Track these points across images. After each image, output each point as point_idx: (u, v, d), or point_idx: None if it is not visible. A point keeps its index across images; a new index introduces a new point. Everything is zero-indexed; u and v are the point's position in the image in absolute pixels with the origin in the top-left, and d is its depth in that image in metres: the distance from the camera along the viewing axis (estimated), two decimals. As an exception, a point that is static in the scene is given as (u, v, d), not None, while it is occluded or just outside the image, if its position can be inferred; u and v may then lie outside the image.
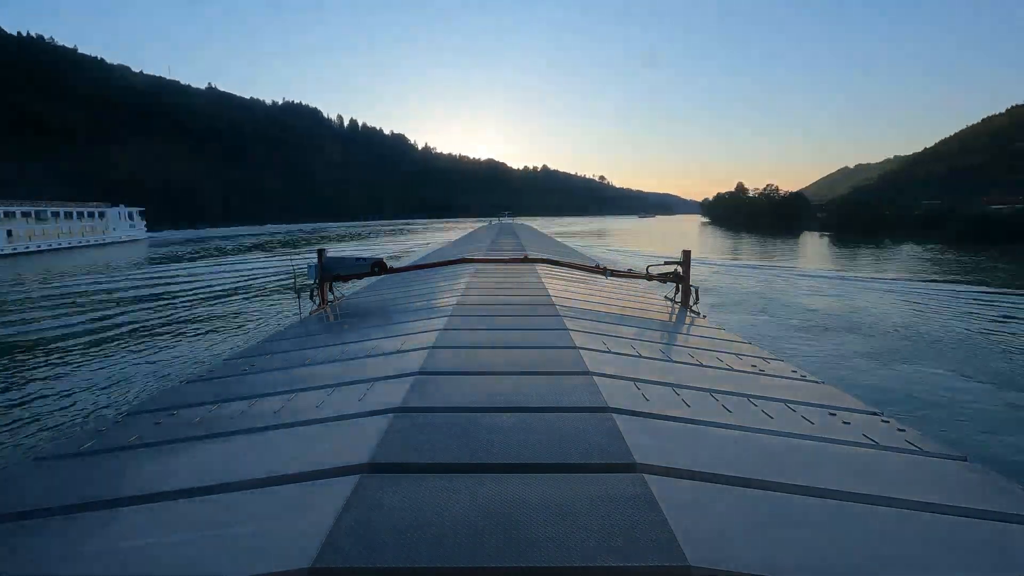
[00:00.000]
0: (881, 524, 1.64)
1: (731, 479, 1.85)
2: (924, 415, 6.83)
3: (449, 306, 5.35)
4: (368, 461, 1.89)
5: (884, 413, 2.79)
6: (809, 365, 7.81)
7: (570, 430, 2.21)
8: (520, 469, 1.87)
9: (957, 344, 10.49)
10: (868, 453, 2.26)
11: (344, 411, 2.52)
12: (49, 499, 1.82)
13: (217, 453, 2.18)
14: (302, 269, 6.94)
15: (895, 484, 1.95)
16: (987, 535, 1.65)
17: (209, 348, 10.59)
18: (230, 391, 3.12)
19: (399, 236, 65.44)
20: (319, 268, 6.93)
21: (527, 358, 3.40)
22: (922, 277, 21.11)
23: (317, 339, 4.86)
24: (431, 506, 1.59)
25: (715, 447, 2.19)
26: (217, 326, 12.93)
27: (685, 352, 4.08)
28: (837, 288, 18.35)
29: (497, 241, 19.34)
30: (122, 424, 2.62)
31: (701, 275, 17.39)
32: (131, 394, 7.89)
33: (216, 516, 1.65)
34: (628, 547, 1.40)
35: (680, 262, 7.26)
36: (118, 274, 26.54)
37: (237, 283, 21.37)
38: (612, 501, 1.64)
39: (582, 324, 4.57)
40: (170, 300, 17.38)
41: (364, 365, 3.48)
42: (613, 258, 24.08)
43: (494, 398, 2.61)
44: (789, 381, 3.46)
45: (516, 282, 7.29)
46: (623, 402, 2.56)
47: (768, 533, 1.53)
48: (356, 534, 1.44)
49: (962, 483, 2.02)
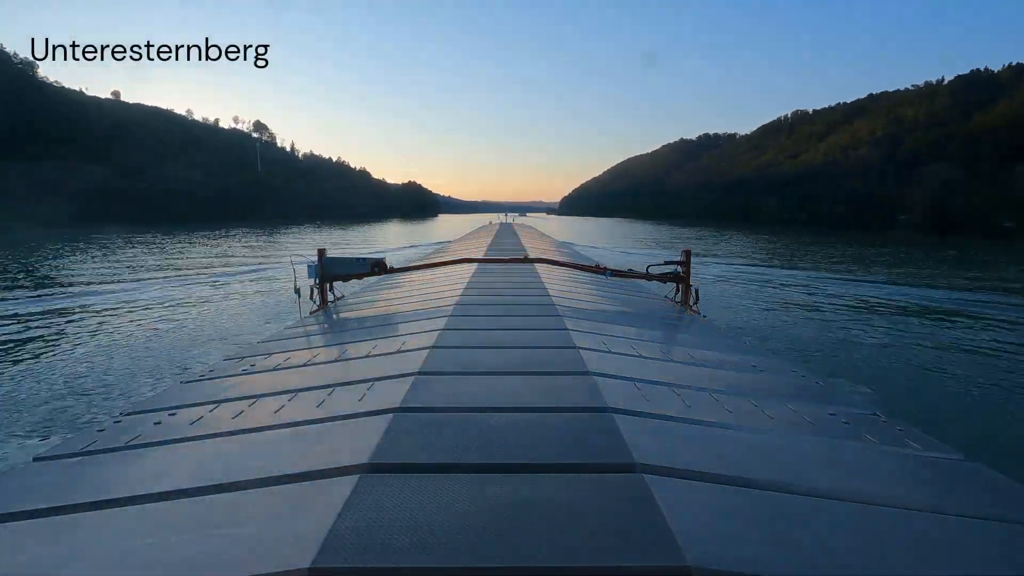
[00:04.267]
0: (881, 524, 1.64)
1: (731, 479, 1.85)
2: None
3: (449, 306, 5.35)
4: (368, 461, 1.88)
5: (883, 413, 2.79)
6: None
7: (570, 430, 2.21)
8: (520, 469, 1.87)
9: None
10: (868, 453, 2.26)
11: (344, 411, 2.52)
12: (49, 499, 1.82)
13: (217, 453, 2.18)
14: (302, 269, 6.94)
15: (894, 484, 1.95)
16: (987, 534, 1.65)
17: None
18: (230, 391, 3.12)
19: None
20: (319, 268, 6.93)
21: (527, 358, 3.40)
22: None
23: (317, 339, 4.86)
24: (431, 506, 1.59)
25: (715, 447, 2.19)
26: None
27: (685, 352, 4.08)
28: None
29: (497, 241, 19.35)
30: (122, 424, 2.61)
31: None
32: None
33: (216, 516, 1.64)
34: (627, 547, 1.40)
35: (681, 262, 7.26)
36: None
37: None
38: (612, 501, 1.64)
39: (582, 324, 4.57)
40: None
41: (364, 365, 3.48)
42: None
43: (494, 398, 2.61)
44: (789, 381, 3.46)
45: (516, 282, 7.29)
46: (623, 402, 2.56)
47: (768, 533, 1.53)
48: (356, 534, 1.44)
49: (961, 483, 2.02)
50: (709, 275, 18.10)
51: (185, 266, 21.96)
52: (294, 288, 6.85)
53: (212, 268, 21.24)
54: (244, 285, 16.49)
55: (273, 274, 18.57)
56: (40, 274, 19.41)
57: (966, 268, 23.29)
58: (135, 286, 16.11)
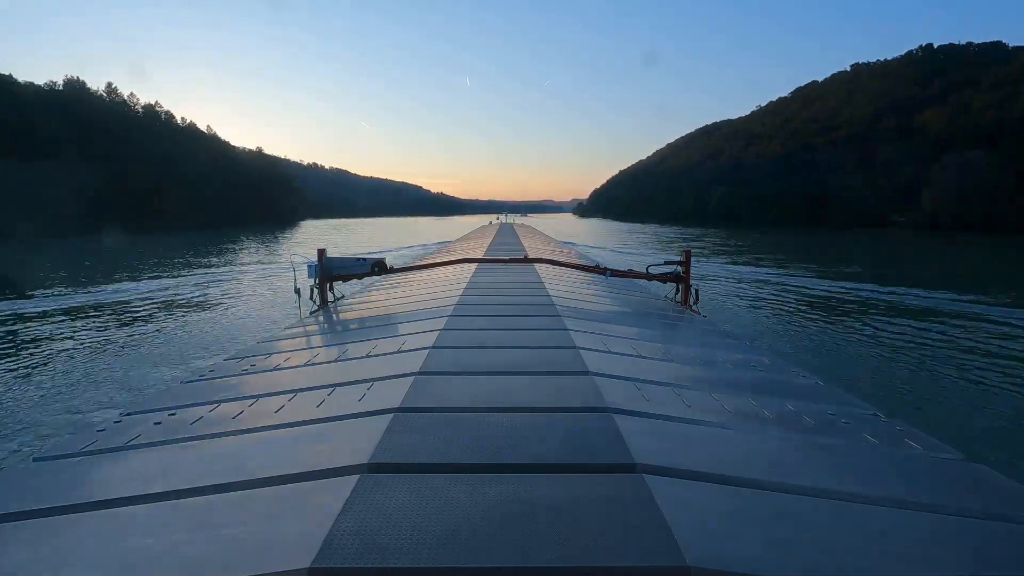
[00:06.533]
0: (881, 524, 1.64)
1: (731, 479, 1.85)
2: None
3: (449, 306, 5.35)
4: (368, 461, 1.88)
5: (884, 413, 2.79)
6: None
7: (570, 430, 2.21)
8: (520, 469, 1.87)
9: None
10: (868, 453, 2.26)
11: (344, 411, 2.52)
12: (49, 499, 1.82)
13: (217, 453, 2.18)
14: (302, 269, 6.94)
15: (895, 484, 1.95)
16: (987, 534, 1.65)
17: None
18: (230, 391, 3.12)
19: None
20: (319, 268, 6.93)
21: (527, 358, 3.40)
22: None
23: (317, 339, 4.86)
24: (431, 506, 1.59)
25: (715, 447, 2.19)
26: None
27: (685, 352, 4.08)
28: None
29: (497, 241, 19.35)
30: (122, 424, 2.61)
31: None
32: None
33: (216, 516, 1.64)
34: (627, 547, 1.40)
35: (681, 262, 7.27)
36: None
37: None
38: (612, 501, 1.64)
39: (582, 324, 4.57)
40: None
41: (364, 365, 3.48)
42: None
43: (494, 398, 2.61)
44: (789, 381, 3.46)
45: (516, 282, 7.29)
46: (623, 402, 2.56)
47: (768, 533, 1.53)
48: (356, 534, 1.44)
49: (961, 483, 2.01)
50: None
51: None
52: (294, 288, 6.85)
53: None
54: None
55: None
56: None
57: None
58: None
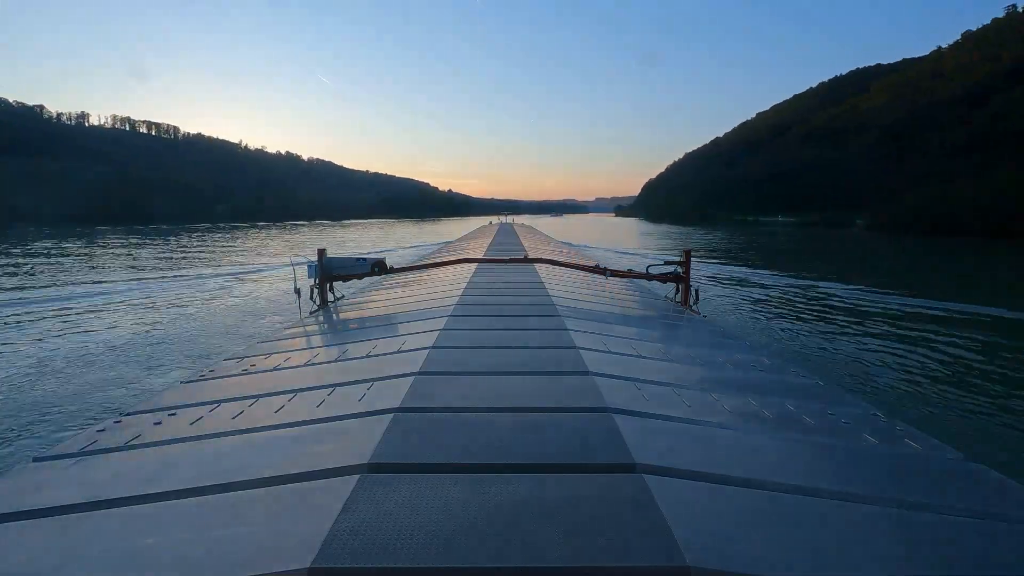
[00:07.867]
0: (881, 523, 1.64)
1: (731, 479, 1.85)
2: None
3: (449, 306, 5.35)
4: (368, 461, 1.88)
5: (883, 413, 2.79)
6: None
7: (570, 430, 2.21)
8: (520, 469, 1.87)
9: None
10: (867, 453, 2.26)
11: (344, 411, 2.52)
12: (49, 499, 1.82)
13: (217, 453, 2.18)
14: (302, 269, 6.94)
15: (894, 484, 1.95)
16: (987, 534, 1.65)
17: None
18: (230, 391, 3.12)
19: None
20: (319, 268, 6.93)
21: (527, 358, 3.40)
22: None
23: (317, 339, 4.86)
24: (431, 506, 1.59)
25: (715, 447, 2.19)
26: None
27: (685, 352, 4.08)
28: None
29: (497, 241, 19.35)
30: (121, 424, 2.61)
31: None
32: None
33: (216, 516, 1.64)
34: (627, 547, 1.40)
35: (680, 262, 7.27)
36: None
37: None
38: (611, 501, 1.64)
39: (582, 324, 4.57)
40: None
41: (364, 365, 3.48)
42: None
43: (494, 398, 2.61)
44: (788, 381, 3.46)
45: (516, 282, 7.29)
46: (623, 402, 2.56)
47: (768, 533, 1.53)
48: (356, 534, 1.44)
49: (961, 482, 2.02)
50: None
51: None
52: (294, 288, 6.85)
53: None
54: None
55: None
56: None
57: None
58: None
